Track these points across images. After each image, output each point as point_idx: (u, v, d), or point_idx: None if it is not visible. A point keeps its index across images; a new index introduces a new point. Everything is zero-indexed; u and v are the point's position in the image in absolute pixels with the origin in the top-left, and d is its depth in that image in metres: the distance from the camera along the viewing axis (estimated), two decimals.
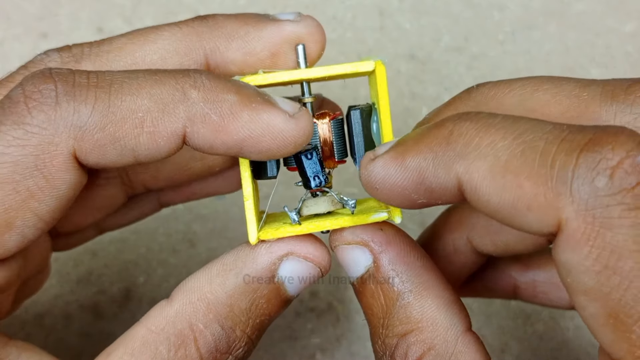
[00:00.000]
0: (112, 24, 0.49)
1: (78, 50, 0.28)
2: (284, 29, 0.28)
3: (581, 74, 0.49)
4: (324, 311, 0.45)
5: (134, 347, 0.26)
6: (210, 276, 0.27)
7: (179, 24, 0.28)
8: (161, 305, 0.27)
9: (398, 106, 0.48)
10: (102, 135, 0.24)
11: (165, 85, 0.24)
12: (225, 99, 0.24)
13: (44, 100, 0.24)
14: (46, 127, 0.24)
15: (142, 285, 0.45)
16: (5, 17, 0.49)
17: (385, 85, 0.27)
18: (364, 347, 0.44)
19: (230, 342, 0.27)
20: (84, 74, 0.25)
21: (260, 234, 0.27)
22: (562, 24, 0.50)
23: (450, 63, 0.49)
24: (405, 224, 0.47)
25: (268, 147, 0.25)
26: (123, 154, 0.25)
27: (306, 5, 0.50)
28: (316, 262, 0.28)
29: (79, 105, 0.24)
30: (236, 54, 0.28)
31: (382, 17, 0.50)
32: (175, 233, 0.46)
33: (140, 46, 0.28)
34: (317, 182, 0.28)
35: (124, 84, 0.24)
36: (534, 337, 0.45)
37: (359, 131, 0.28)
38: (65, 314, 0.44)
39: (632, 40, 0.50)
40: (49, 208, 0.25)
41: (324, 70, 0.27)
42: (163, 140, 0.24)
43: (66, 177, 0.25)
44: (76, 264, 0.45)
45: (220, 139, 0.24)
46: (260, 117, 0.24)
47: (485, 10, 0.50)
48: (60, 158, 0.24)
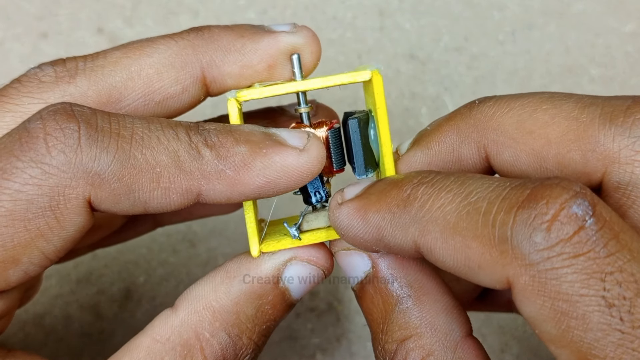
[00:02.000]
0: (112, 24, 0.49)
1: (73, 65, 0.28)
2: (280, 40, 0.28)
3: (581, 74, 0.49)
4: (324, 311, 0.45)
5: (139, 356, 0.26)
6: (214, 284, 0.27)
7: (174, 37, 0.28)
8: (166, 314, 0.27)
9: (398, 106, 0.48)
10: (118, 186, 0.24)
11: (181, 142, 0.24)
12: (237, 152, 0.24)
13: (66, 141, 0.24)
14: (65, 170, 0.23)
15: (142, 285, 0.45)
16: (5, 17, 0.49)
17: (382, 95, 0.27)
18: (364, 347, 0.44)
19: (238, 350, 0.26)
20: (105, 116, 0.25)
21: (261, 246, 0.27)
22: (562, 24, 0.50)
23: (450, 63, 0.49)
24: None
25: (285, 186, 0.25)
26: (135, 205, 0.25)
27: (306, 6, 0.50)
28: (319, 264, 0.28)
29: (101, 152, 0.24)
30: (233, 67, 0.28)
31: (382, 17, 0.50)
32: (175, 233, 0.46)
33: (135, 60, 0.28)
34: (317, 197, 0.28)
35: (145, 136, 0.24)
36: (534, 337, 0.45)
37: (357, 140, 0.28)
38: (65, 314, 0.44)
39: (632, 40, 0.50)
40: (55, 248, 0.25)
41: (321, 82, 0.27)
42: (176, 195, 0.25)
43: (77, 220, 0.24)
44: (76, 264, 0.45)
45: (237, 191, 0.25)
46: (273, 162, 0.25)
47: (485, 10, 0.50)
48: (75, 202, 0.24)
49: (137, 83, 0.27)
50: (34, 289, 0.34)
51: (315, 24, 0.50)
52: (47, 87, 0.27)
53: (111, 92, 0.27)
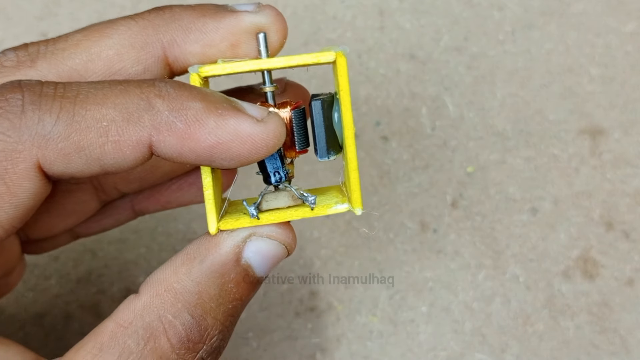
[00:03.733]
0: None
1: (34, 49, 0.28)
2: (243, 19, 0.28)
3: (581, 73, 0.49)
4: (324, 311, 0.45)
5: (102, 341, 0.26)
6: (175, 266, 0.27)
7: (134, 17, 0.28)
8: (130, 299, 0.27)
9: (398, 106, 0.48)
10: (66, 144, 0.24)
11: (130, 95, 0.24)
12: (191, 107, 0.24)
13: (10, 109, 0.24)
14: (10, 134, 0.24)
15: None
16: (5, 17, 0.49)
17: (346, 77, 0.27)
18: (364, 347, 0.44)
19: (202, 331, 0.26)
20: (51, 84, 0.25)
21: (220, 224, 0.27)
22: (562, 24, 0.50)
23: (450, 63, 0.49)
24: (405, 222, 0.47)
25: (238, 152, 0.25)
26: (89, 163, 0.25)
27: (306, 5, 0.50)
28: (280, 239, 0.28)
29: (43, 114, 0.24)
30: (194, 46, 0.28)
31: (382, 17, 0.50)
32: (175, 233, 0.46)
33: (95, 42, 0.28)
34: (277, 177, 0.28)
35: (89, 94, 0.24)
36: (534, 337, 0.45)
37: (319, 122, 0.28)
38: (65, 314, 0.44)
39: (632, 40, 0.49)
40: (8, 216, 0.25)
41: (284, 61, 0.27)
42: (129, 149, 0.24)
43: (27, 185, 0.25)
44: (76, 264, 0.45)
45: (187, 147, 0.24)
46: (227, 123, 0.24)
47: (485, 10, 0.50)
48: (22, 165, 0.24)
49: (97, 65, 0.28)
50: (12, 274, 0.34)
51: (315, 24, 0.50)
52: (7, 72, 0.27)
53: (71, 75, 0.27)
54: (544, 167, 0.47)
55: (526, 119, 0.48)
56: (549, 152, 0.48)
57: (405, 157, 0.48)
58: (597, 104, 0.48)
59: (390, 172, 0.47)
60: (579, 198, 0.47)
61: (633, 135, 0.48)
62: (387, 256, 0.46)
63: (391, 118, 0.48)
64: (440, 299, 0.45)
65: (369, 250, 0.46)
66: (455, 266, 0.46)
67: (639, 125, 0.48)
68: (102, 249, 0.45)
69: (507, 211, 0.47)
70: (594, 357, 0.44)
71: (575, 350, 0.45)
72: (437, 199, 0.47)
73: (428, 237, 0.46)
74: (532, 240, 0.46)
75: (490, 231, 0.46)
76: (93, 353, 0.25)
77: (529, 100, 0.49)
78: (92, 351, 0.25)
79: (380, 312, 0.45)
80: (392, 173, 0.47)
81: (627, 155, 0.48)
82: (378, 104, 0.48)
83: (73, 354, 0.26)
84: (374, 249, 0.46)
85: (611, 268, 0.46)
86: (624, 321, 0.45)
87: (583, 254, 0.46)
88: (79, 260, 0.45)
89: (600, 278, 0.46)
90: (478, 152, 0.48)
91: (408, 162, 0.48)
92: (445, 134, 0.48)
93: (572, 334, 0.45)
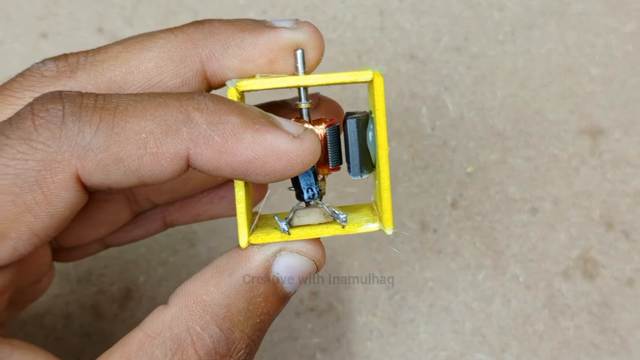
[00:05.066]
0: (112, 24, 0.49)
1: (74, 60, 0.28)
2: (281, 36, 0.28)
3: (581, 73, 0.49)
4: (324, 311, 0.45)
5: (130, 351, 0.26)
6: (204, 279, 0.27)
7: (173, 31, 0.28)
8: (159, 310, 0.27)
9: (398, 106, 0.48)
10: (105, 156, 0.24)
11: (169, 108, 0.25)
12: (229, 121, 0.24)
13: (51, 119, 0.24)
14: (50, 144, 0.24)
15: (142, 285, 0.45)
16: (5, 17, 0.49)
17: (383, 97, 0.27)
18: (364, 347, 0.44)
19: (230, 344, 0.26)
20: (92, 96, 0.25)
21: (251, 238, 0.27)
22: (562, 24, 0.50)
23: (450, 63, 0.49)
24: (405, 222, 0.47)
25: (273, 168, 0.25)
26: (127, 175, 0.25)
27: (306, 5, 0.50)
28: (310, 255, 0.28)
29: (83, 125, 0.24)
30: (233, 61, 0.28)
31: (382, 17, 0.50)
32: (175, 233, 0.46)
33: (135, 55, 0.28)
34: (310, 194, 0.28)
35: (129, 106, 0.25)
36: (534, 337, 0.45)
37: (354, 140, 0.28)
38: (65, 314, 0.44)
39: (632, 40, 0.50)
40: (44, 225, 0.25)
41: (322, 78, 0.27)
42: (167, 161, 0.25)
43: (64, 195, 0.25)
44: (76, 264, 0.45)
45: (224, 160, 0.25)
46: (264, 138, 0.25)
47: (485, 10, 0.50)
48: (61, 175, 0.24)
49: (136, 77, 0.28)
50: (43, 281, 0.34)
51: (315, 24, 0.50)
52: (48, 82, 0.27)
53: (110, 86, 0.28)
54: (544, 167, 0.47)
55: (526, 119, 0.48)
56: (549, 152, 0.48)
57: (405, 157, 0.48)
58: (597, 104, 0.48)
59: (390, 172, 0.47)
60: (579, 198, 0.47)
61: (633, 135, 0.48)
62: (387, 256, 0.46)
63: (391, 118, 0.48)
64: (440, 299, 0.45)
65: (369, 250, 0.46)
66: (455, 266, 0.46)
67: (639, 125, 0.48)
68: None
69: (507, 211, 0.47)
70: (594, 357, 0.44)
71: (575, 350, 0.45)
72: (437, 199, 0.47)
73: (428, 237, 0.46)
74: (532, 240, 0.46)
75: (490, 231, 0.46)
76: None
77: (529, 100, 0.49)
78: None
79: (380, 312, 0.45)
80: (392, 173, 0.47)
81: (627, 155, 0.48)
82: None
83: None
84: (374, 249, 0.46)
85: (611, 268, 0.46)
86: (624, 321, 0.45)
87: (583, 254, 0.46)
88: (79, 260, 0.45)
89: (600, 278, 0.46)
90: (478, 152, 0.48)
91: (408, 162, 0.48)
92: (445, 134, 0.48)
93: (572, 334, 0.45)
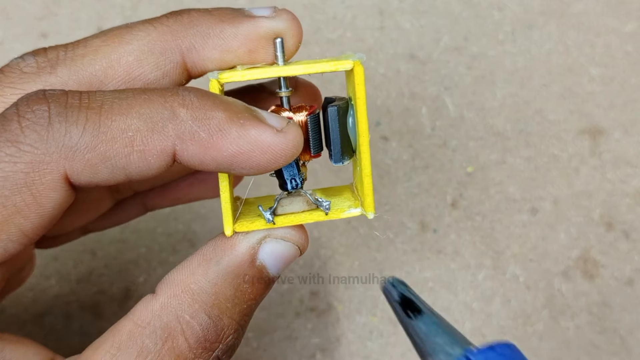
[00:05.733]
0: (112, 24, 0.49)
1: (54, 55, 0.28)
2: (261, 25, 0.28)
3: (581, 73, 0.49)
4: (324, 311, 0.45)
5: (120, 340, 0.26)
6: (192, 267, 0.27)
7: (152, 22, 0.28)
8: (147, 299, 0.27)
9: (398, 106, 0.48)
10: (93, 155, 0.24)
11: (154, 104, 0.25)
12: (214, 116, 0.25)
13: (37, 121, 0.24)
14: (38, 146, 0.24)
15: (142, 285, 0.45)
16: (5, 17, 0.49)
17: (363, 86, 0.27)
18: (364, 347, 0.44)
19: (219, 331, 0.27)
20: (76, 94, 0.25)
21: (235, 226, 0.28)
22: (562, 24, 0.50)
23: (450, 63, 0.49)
24: (405, 222, 0.47)
25: (258, 162, 0.25)
26: (114, 173, 0.25)
27: (305, 5, 0.50)
28: (294, 240, 0.28)
29: (70, 126, 0.24)
30: (213, 52, 0.28)
31: (382, 17, 0.50)
32: (175, 233, 0.46)
33: (114, 48, 0.28)
34: (293, 184, 0.29)
35: (114, 104, 0.25)
36: (534, 337, 0.45)
37: (335, 128, 0.28)
38: (65, 314, 0.44)
39: (632, 40, 0.49)
40: (33, 225, 0.25)
41: (303, 68, 0.27)
42: (153, 158, 0.25)
43: (53, 196, 0.25)
44: (76, 264, 0.45)
45: (209, 156, 0.25)
46: (248, 133, 0.25)
47: (485, 10, 0.50)
48: (50, 177, 0.24)
49: (117, 71, 0.28)
50: (25, 269, 0.34)
51: (315, 24, 0.50)
52: (28, 78, 0.27)
53: (91, 81, 0.28)
54: (544, 167, 0.47)
55: (526, 119, 0.48)
56: (549, 152, 0.48)
57: (405, 157, 0.48)
58: (597, 104, 0.48)
59: (390, 172, 0.47)
60: (579, 198, 0.47)
61: (633, 135, 0.48)
62: (387, 256, 0.46)
63: (391, 118, 0.48)
64: (440, 299, 0.45)
65: (369, 250, 0.46)
66: (455, 266, 0.46)
67: (639, 125, 0.48)
68: (102, 249, 0.45)
69: (507, 211, 0.47)
70: (594, 357, 0.44)
71: (575, 350, 0.45)
72: (437, 199, 0.47)
73: (428, 237, 0.46)
74: (532, 240, 0.46)
75: (490, 231, 0.46)
76: (111, 352, 0.26)
77: (529, 100, 0.49)
78: (110, 350, 0.26)
79: (380, 312, 0.45)
80: (392, 173, 0.47)
81: (627, 155, 0.48)
82: (378, 104, 0.48)
83: (91, 353, 0.26)
84: (374, 249, 0.46)
85: (611, 268, 0.46)
86: (624, 321, 0.45)
87: (583, 254, 0.46)
88: (79, 260, 0.45)
89: (600, 278, 0.46)
90: (478, 152, 0.48)
91: (408, 162, 0.48)
92: (445, 134, 0.48)
93: (572, 334, 0.45)
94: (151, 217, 0.46)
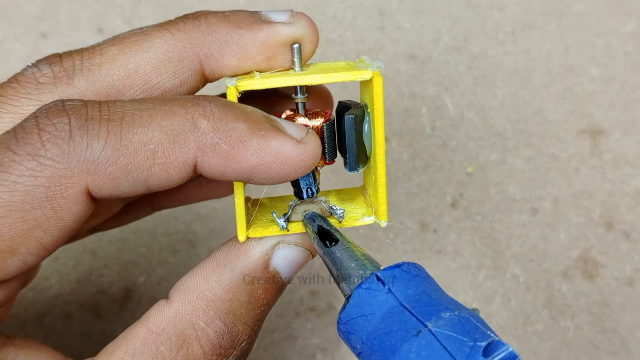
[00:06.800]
0: (112, 24, 0.49)
1: (69, 64, 0.27)
2: (279, 32, 0.28)
3: (581, 73, 0.49)
4: (324, 311, 0.45)
5: (135, 347, 0.26)
6: (205, 274, 0.27)
7: (169, 28, 0.28)
8: (160, 305, 0.27)
9: (398, 106, 0.48)
10: (114, 169, 0.24)
11: (175, 116, 0.24)
12: (235, 128, 0.25)
13: (58, 134, 0.24)
14: (59, 160, 0.24)
15: (142, 285, 0.45)
16: (5, 17, 0.49)
17: (382, 97, 0.27)
18: None
19: (234, 337, 0.27)
20: (95, 105, 0.25)
21: (249, 232, 0.28)
22: (562, 24, 0.50)
23: (450, 63, 0.49)
24: (405, 222, 0.47)
25: (277, 172, 0.25)
26: (136, 185, 0.25)
27: (306, 5, 0.50)
28: (307, 245, 0.28)
29: (91, 139, 0.24)
30: (231, 59, 0.28)
31: (382, 17, 0.50)
32: (175, 233, 0.46)
33: (132, 56, 0.27)
34: (309, 193, 0.29)
35: (135, 115, 0.24)
36: (534, 337, 0.45)
37: (351, 137, 0.28)
38: (65, 314, 0.44)
39: (632, 40, 0.50)
40: (53, 238, 0.25)
41: (321, 78, 0.27)
42: (174, 170, 0.25)
43: (74, 209, 0.25)
44: (76, 264, 0.45)
45: (230, 167, 0.25)
46: (269, 144, 0.25)
47: (485, 10, 0.50)
48: (71, 191, 0.24)
49: (135, 80, 0.27)
50: (32, 272, 0.34)
51: (315, 24, 0.50)
52: (45, 89, 0.27)
53: (109, 91, 0.27)
54: (544, 167, 0.47)
55: (526, 119, 0.48)
56: (549, 152, 0.48)
57: (405, 157, 0.48)
58: (597, 104, 0.48)
59: (390, 172, 0.47)
60: (579, 198, 0.47)
61: (633, 135, 0.48)
62: (387, 256, 0.46)
63: (391, 118, 0.48)
64: None
65: (369, 250, 0.46)
66: (455, 266, 0.46)
67: (639, 125, 0.48)
68: (102, 249, 0.45)
69: (507, 211, 0.47)
70: (594, 357, 0.44)
71: (575, 350, 0.45)
72: (437, 199, 0.47)
73: (428, 237, 0.46)
74: (532, 240, 0.46)
75: (490, 231, 0.46)
76: (126, 359, 0.26)
77: (529, 100, 0.49)
78: (124, 357, 0.26)
79: None
80: (392, 173, 0.47)
81: (627, 155, 0.48)
82: None
83: (105, 358, 0.26)
84: (374, 249, 0.46)
85: (611, 268, 0.46)
86: (624, 321, 0.45)
87: (583, 254, 0.46)
88: (79, 260, 0.45)
89: (600, 278, 0.46)
90: (478, 152, 0.48)
91: (408, 162, 0.48)
92: (445, 134, 0.48)
93: (572, 334, 0.45)
94: (151, 217, 0.46)
